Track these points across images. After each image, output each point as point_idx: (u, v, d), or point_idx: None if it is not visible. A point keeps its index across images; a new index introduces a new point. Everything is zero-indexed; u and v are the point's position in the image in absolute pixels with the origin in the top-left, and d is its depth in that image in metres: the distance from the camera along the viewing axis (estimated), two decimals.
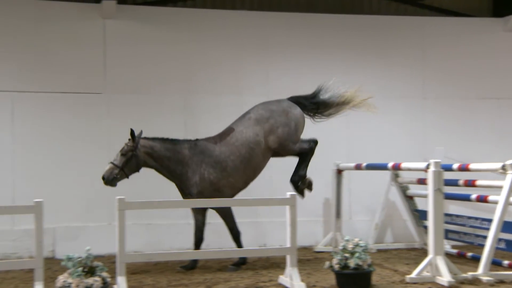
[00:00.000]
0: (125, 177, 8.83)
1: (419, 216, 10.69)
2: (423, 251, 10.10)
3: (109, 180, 8.74)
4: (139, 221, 10.29)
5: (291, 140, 9.24)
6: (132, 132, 8.82)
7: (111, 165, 8.78)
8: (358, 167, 10.44)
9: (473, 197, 9.09)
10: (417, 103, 11.97)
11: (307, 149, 9.33)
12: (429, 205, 8.06)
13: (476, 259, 8.73)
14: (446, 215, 9.00)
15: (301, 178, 9.26)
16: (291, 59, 11.51)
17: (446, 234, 8.92)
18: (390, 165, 9.61)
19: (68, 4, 10.97)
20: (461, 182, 9.04)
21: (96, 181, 9.15)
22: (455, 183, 9.07)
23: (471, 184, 8.90)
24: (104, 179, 8.75)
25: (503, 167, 7.88)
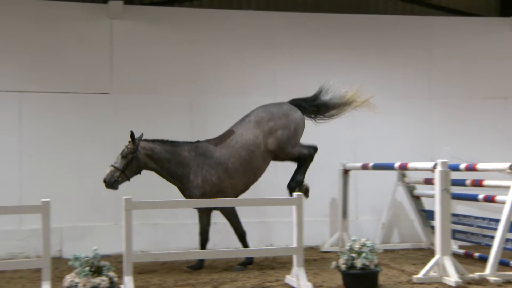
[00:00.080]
0: (126, 179, 8.84)
1: (426, 216, 10.67)
2: (430, 251, 10.08)
3: (110, 183, 8.75)
4: (146, 221, 10.32)
5: (290, 143, 9.21)
6: (132, 134, 8.84)
7: (112, 168, 8.79)
8: (364, 167, 10.43)
9: (481, 197, 9.05)
10: (423, 103, 11.95)
11: (306, 154, 9.29)
12: (436, 205, 8.04)
13: (483, 260, 8.71)
14: (453, 215, 8.98)
15: (298, 184, 9.21)
16: (298, 59, 11.50)
17: (453, 234, 8.90)
18: (397, 165, 9.60)
19: (75, 4, 11.01)
20: (468, 182, 9.01)
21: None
22: (462, 183, 9.05)
23: (478, 184, 8.87)
24: (105, 182, 8.76)
25: (510, 167, 7.84)
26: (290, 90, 10.65)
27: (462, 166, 8.66)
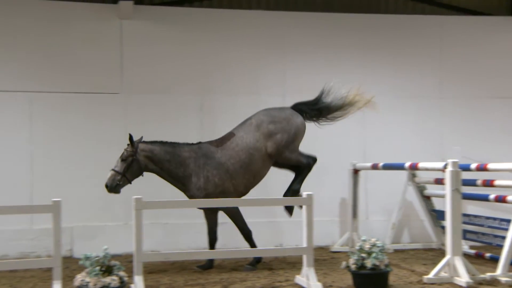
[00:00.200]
0: (127, 182, 8.83)
1: (437, 216, 10.63)
2: (440, 252, 10.03)
3: (112, 187, 8.75)
4: (156, 221, 10.34)
5: (288, 147, 9.14)
6: (130, 136, 8.85)
7: (112, 172, 8.78)
8: (374, 167, 10.40)
9: (492, 197, 9.01)
10: (434, 102, 11.89)
11: (305, 163, 9.22)
12: (446, 205, 8.01)
13: (494, 260, 8.67)
14: (464, 215, 8.93)
15: (294, 193, 9.12)
16: (307, 59, 11.49)
17: (464, 234, 8.87)
18: (407, 165, 9.56)
19: (85, 4, 11.04)
20: (479, 182, 8.97)
21: None
22: (473, 183, 9.00)
23: (489, 184, 8.83)
24: (107, 187, 8.77)
25: None
26: (299, 89, 10.64)
27: (473, 166, 8.63)
